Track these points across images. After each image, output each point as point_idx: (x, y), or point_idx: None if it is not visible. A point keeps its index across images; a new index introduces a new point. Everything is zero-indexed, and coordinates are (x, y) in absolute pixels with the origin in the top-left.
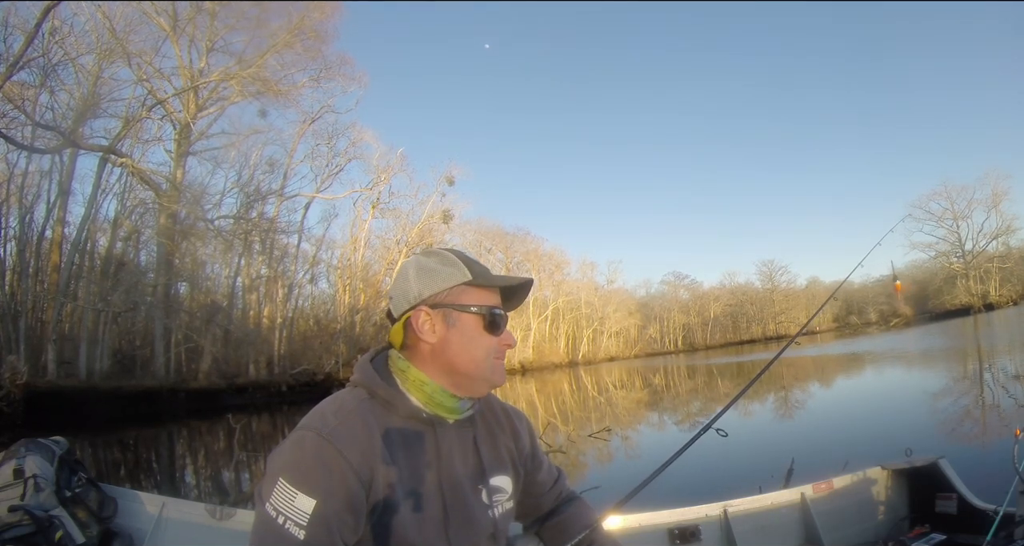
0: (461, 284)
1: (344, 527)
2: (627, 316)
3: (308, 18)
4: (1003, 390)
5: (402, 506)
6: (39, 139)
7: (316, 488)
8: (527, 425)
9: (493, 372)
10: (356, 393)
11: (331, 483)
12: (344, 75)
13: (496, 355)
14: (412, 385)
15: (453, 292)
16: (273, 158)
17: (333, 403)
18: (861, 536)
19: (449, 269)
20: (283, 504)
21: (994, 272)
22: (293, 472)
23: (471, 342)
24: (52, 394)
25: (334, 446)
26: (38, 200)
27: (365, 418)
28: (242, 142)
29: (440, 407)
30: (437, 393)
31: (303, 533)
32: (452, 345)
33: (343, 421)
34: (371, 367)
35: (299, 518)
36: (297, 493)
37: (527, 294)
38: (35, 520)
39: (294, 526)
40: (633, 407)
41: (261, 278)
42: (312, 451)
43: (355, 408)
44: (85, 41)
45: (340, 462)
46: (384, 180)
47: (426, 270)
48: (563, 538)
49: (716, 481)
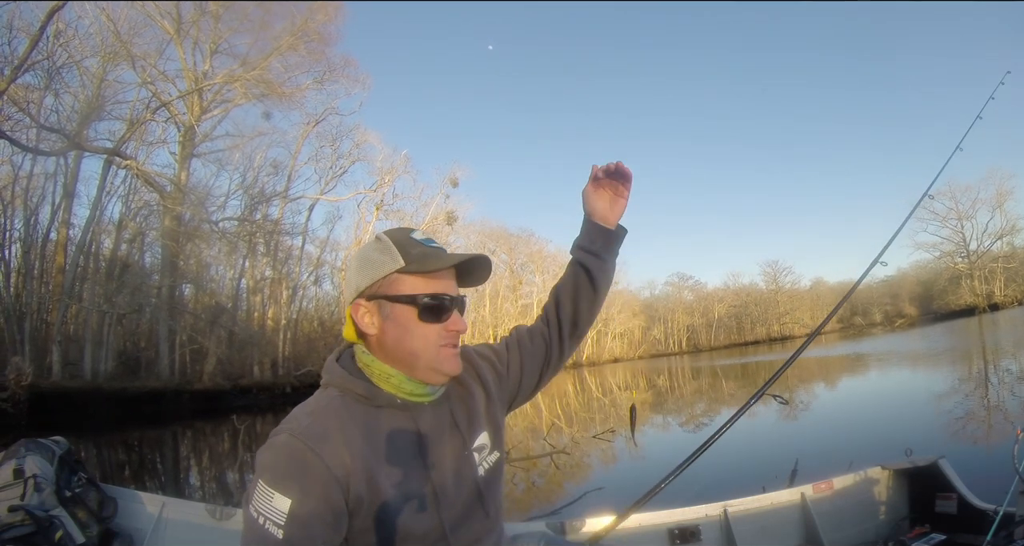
0: (394, 272)
1: (323, 524)
2: (631, 317)
3: (311, 20)
4: (1007, 390)
5: (390, 495)
6: (44, 141)
7: (291, 488)
8: (485, 353)
9: (440, 362)
10: (328, 393)
11: (305, 482)
12: (348, 77)
13: (443, 342)
14: (379, 378)
15: (386, 281)
16: (277, 160)
17: (306, 405)
18: (861, 536)
19: (383, 257)
20: (263, 505)
21: (999, 272)
22: (270, 474)
23: (406, 333)
24: (57, 395)
25: (306, 445)
26: (43, 202)
27: (339, 414)
28: (246, 144)
29: (411, 394)
30: (404, 382)
31: (281, 532)
32: (389, 336)
33: (315, 420)
34: (338, 366)
35: (277, 518)
36: (274, 494)
37: (488, 269)
38: (35, 520)
39: (273, 526)
40: (637, 408)
41: (265, 280)
42: (285, 452)
43: (327, 405)
44: (89, 44)
45: (314, 460)
46: (388, 182)
47: (365, 260)
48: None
49: (718, 482)
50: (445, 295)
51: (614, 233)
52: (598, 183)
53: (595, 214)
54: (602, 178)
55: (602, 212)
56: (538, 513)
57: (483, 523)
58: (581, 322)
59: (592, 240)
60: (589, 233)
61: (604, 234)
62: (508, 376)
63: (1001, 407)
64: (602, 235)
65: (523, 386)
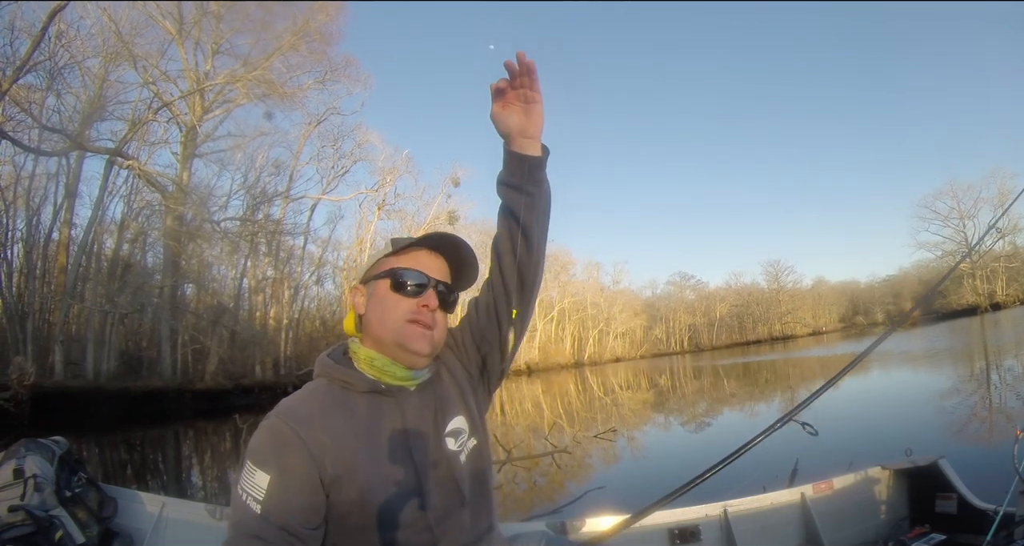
0: (383, 256)
1: (300, 500)
2: (633, 317)
3: (313, 20)
4: (1009, 390)
5: (368, 478)
6: (46, 142)
7: (270, 464)
8: (455, 331)
9: (404, 336)
10: (316, 382)
11: (283, 459)
12: (349, 77)
13: (410, 317)
14: (364, 363)
15: (377, 265)
16: (279, 160)
17: (295, 394)
18: (861, 536)
19: (382, 248)
20: (247, 483)
21: (1001, 271)
22: (255, 453)
23: (381, 305)
24: (59, 395)
25: (287, 424)
26: (45, 202)
27: (322, 399)
28: (248, 144)
29: (395, 378)
30: (388, 366)
31: (259, 507)
32: (371, 312)
33: (300, 404)
34: (327, 358)
35: (257, 493)
36: (256, 470)
37: (475, 270)
38: (35, 520)
39: (253, 501)
40: (639, 408)
41: (267, 279)
42: (268, 431)
43: (313, 391)
44: (91, 44)
45: (292, 438)
46: (389, 181)
47: (370, 256)
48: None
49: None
50: (417, 270)
51: (534, 160)
52: (504, 98)
53: (513, 134)
54: (505, 87)
55: (519, 126)
56: (539, 512)
57: (460, 512)
58: (527, 273)
59: (512, 172)
60: (508, 164)
61: (521, 162)
62: (467, 353)
63: (1002, 407)
64: (520, 163)
65: (487, 360)
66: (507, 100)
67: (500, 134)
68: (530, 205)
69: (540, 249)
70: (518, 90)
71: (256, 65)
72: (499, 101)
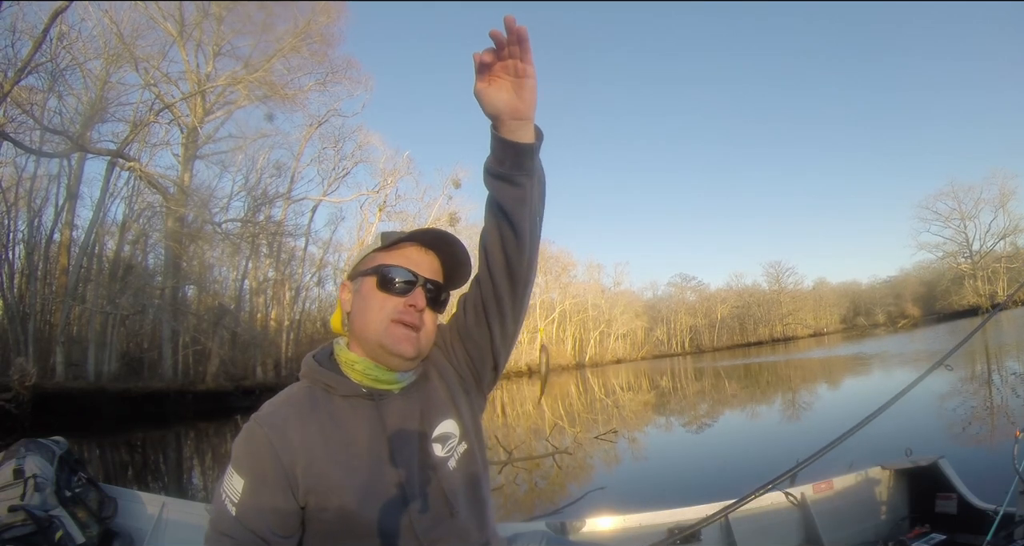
0: (372, 252)
1: (273, 505)
2: (634, 318)
3: (314, 22)
4: (1008, 390)
5: (343, 485)
6: (47, 143)
7: (244, 469)
8: (443, 330)
9: (387, 337)
10: (299, 384)
11: (256, 466)
12: (350, 78)
13: (395, 316)
14: (346, 366)
15: (365, 261)
16: (280, 161)
17: (276, 396)
18: (861, 536)
19: (372, 245)
20: (227, 484)
21: (1002, 272)
22: (235, 457)
23: (365, 303)
24: (60, 396)
25: (262, 429)
26: (46, 204)
27: (299, 403)
28: (249, 146)
29: (377, 382)
30: (370, 369)
31: (235, 510)
32: (356, 311)
33: (277, 408)
34: (312, 360)
35: (233, 496)
36: (234, 474)
37: (468, 269)
38: (35, 520)
39: (230, 504)
40: (640, 409)
41: (268, 281)
42: (246, 436)
43: (292, 394)
44: (93, 46)
45: (265, 443)
46: (390, 183)
47: (360, 251)
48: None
49: (719, 482)
50: (404, 268)
51: (525, 147)
52: (490, 72)
53: (502, 116)
54: (492, 60)
55: (508, 106)
56: (540, 513)
57: (449, 521)
58: (517, 271)
59: (500, 160)
60: (495, 151)
61: (510, 149)
62: (456, 353)
63: (1002, 407)
64: (509, 151)
65: (477, 361)
66: (494, 74)
67: (487, 115)
68: (520, 197)
69: (531, 245)
70: (506, 61)
71: (257, 67)
72: (484, 75)
